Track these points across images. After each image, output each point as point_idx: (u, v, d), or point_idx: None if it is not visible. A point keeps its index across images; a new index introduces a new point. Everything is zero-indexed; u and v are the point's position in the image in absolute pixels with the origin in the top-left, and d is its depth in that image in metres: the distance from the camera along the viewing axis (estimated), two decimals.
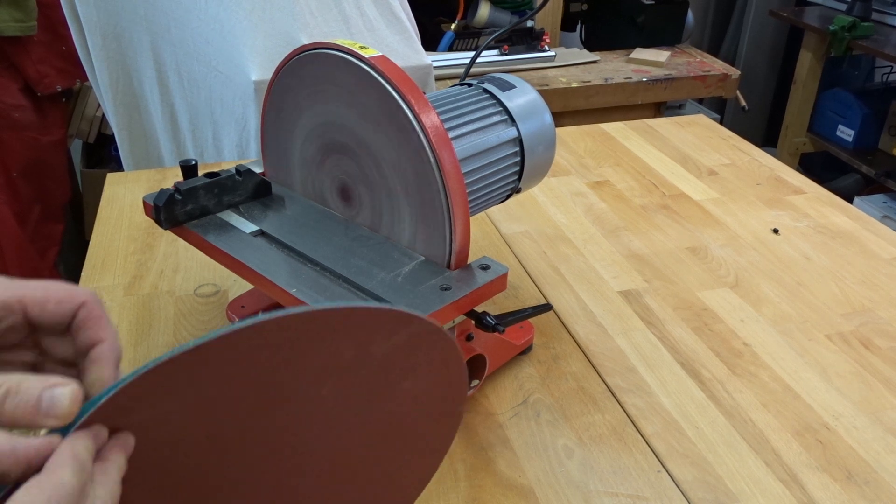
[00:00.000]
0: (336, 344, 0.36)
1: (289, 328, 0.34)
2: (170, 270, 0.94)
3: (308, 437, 0.37)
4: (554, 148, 0.84)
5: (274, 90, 0.76)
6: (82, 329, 0.37)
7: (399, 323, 0.38)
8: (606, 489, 0.65)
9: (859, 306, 0.90)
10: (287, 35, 1.22)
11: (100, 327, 0.37)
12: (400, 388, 0.39)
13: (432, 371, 0.40)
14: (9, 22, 1.73)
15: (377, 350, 0.37)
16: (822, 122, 2.95)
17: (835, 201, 1.15)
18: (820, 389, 0.77)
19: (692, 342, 0.83)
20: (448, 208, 0.65)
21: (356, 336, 0.36)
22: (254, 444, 0.36)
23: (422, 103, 0.64)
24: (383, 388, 0.39)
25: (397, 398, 0.40)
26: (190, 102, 1.34)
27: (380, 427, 0.40)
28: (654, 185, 1.19)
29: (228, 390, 0.34)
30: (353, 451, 0.40)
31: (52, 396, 0.32)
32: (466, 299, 0.64)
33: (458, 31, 2.17)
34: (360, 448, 0.40)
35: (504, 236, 1.04)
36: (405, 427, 0.41)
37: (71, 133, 2.19)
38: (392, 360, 0.38)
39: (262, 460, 0.37)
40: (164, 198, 0.72)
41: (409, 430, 0.42)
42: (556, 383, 0.77)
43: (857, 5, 2.71)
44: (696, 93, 2.18)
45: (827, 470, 0.67)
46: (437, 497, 0.64)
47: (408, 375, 0.40)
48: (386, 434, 0.40)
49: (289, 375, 0.35)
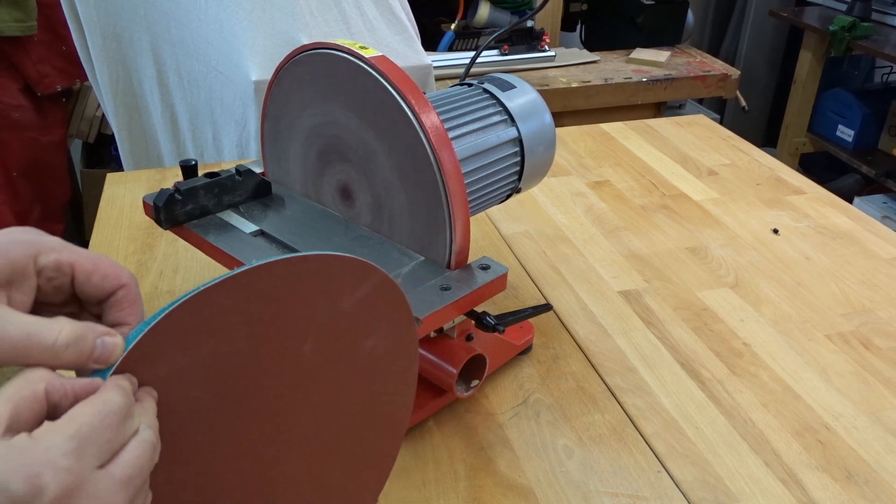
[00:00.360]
0: (312, 295, 0.38)
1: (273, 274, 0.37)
2: (170, 270, 0.94)
3: (294, 400, 0.39)
4: (554, 148, 0.84)
5: (274, 90, 0.76)
6: (115, 308, 0.40)
7: (363, 273, 0.41)
8: (606, 489, 0.65)
9: (859, 306, 0.90)
10: (287, 35, 1.22)
11: (130, 312, 0.40)
12: (364, 346, 0.41)
13: (391, 331, 0.43)
14: (9, 22, 1.73)
15: (345, 304, 0.40)
16: (822, 123, 2.95)
17: (835, 201, 1.15)
18: (820, 389, 0.77)
19: (692, 342, 0.83)
20: (448, 208, 0.65)
21: (328, 288, 0.39)
22: (250, 408, 0.38)
23: (422, 103, 0.64)
24: (351, 346, 0.41)
25: (362, 357, 0.41)
26: (190, 102, 1.34)
27: (348, 391, 0.41)
28: (654, 185, 1.19)
29: (229, 345, 0.37)
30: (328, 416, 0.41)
31: (103, 343, 0.36)
32: (466, 299, 0.64)
33: (458, 31, 2.17)
34: (333, 414, 0.41)
35: (504, 236, 1.04)
36: (370, 393, 0.43)
37: (71, 133, 2.19)
38: (358, 317, 0.41)
39: (256, 426, 0.39)
40: (164, 198, 0.72)
41: (372, 395, 0.43)
42: (556, 383, 0.77)
43: (857, 5, 2.71)
44: (696, 93, 2.18)
45: (827, 470, 0.67)
46: (437, 497, 0.64)
47: (371, 333, 0.42)
48: (353, 400, 0.42)
49: (277, 330, 0.38)
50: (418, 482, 0.65)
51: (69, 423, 0.34)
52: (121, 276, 0.40)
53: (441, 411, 0.72)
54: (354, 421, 0.42)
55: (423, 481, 0.66)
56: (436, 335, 0.70)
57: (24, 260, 0.38)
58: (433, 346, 0.69)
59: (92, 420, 0.34)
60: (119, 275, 0.40)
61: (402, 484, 0.65)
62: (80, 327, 0.36)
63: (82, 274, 0.39)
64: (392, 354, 0.43)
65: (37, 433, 0.33)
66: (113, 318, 0.40)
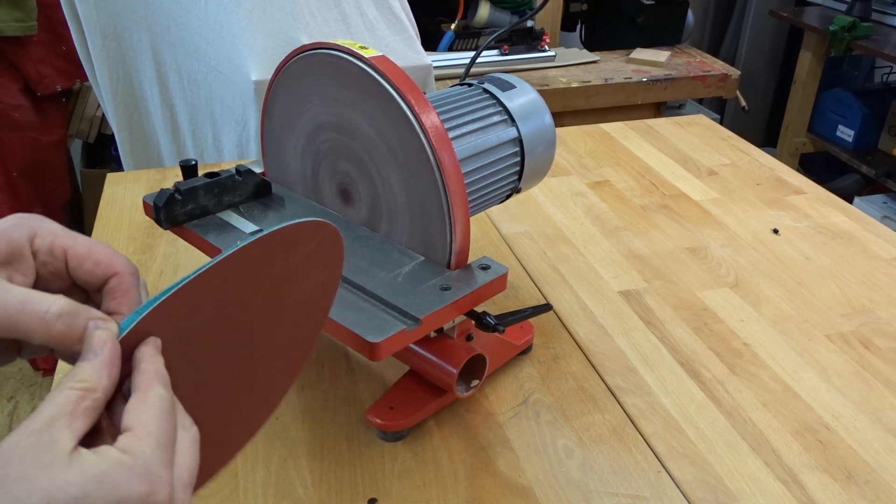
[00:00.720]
0: (271, 259, 0.41)
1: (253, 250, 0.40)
2: (170, 270, 0.94)
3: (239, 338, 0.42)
4: (554, 148, 0.84)
5: (274, 90, 0.76)
6: (108, 297, 0.40)
7: (315, 230, 0.44)
8: (606, 489, 0.65)
9: (859, 306, 0.90)
10: (287, 35, 1.22)
11: (122, 302, 0.39)
12: (299, 287, 0.45)
13: (324, 270, 0.46)
14: (9, 22, 1.73)
15: (295, 259, 0.43)
16: (822, 123, 2.95)
17: (835, 201, 1.15)
18: (820, 389, 0.77)
19: (692, 342, 0.83)
20: (448, 208, 0.65)
21: (284, 250, 0.42)
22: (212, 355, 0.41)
23: (422, 103, 0.64)
24: (290, 290, 0.44)
25: (296, 294, 0.45)
26: (190, 102, 1.34)
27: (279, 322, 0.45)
28: (654, 185, 1.19)
29: (202, 316, 0.39)
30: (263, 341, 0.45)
31: (96, 325, 0.36)
32: (466, 299, 0.64)
33: (458, 31, 2.17)
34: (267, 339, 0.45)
35: (504, 236, 1.04)
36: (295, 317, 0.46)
37: (71, 133, 2.19)
38: (301, 265, 0.43)
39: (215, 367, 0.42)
40: (164, 198, 0.72)
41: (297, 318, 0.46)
42: (556, 383, 0.77)
43: (857, 5, 2.71)
44: (696, 93, 2.18)
45: (827, 470, 0.67)
46: (437, 497, 0.64)
47: (308, 276, 0.45)
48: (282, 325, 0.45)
49: (238, 293, 0.41)
50: (418, 482, 0.65)
51: (147, 433, 0.34)
52: (114, 264, 0.40)
53: (441, 411, 0.72)
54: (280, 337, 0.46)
55: (423, 482, 0.66)
56: (436, 335, 0.70)
57: (21, 241, 0.38)
58: (433, 346, 0.69)
59: (158, 424, 0.35)
60: (112, 263, 0.40)
61: (402, 484, 0.65)
62: (73, 304, 0.36)
63: (74, 259, 0.39)
64: (319, 289, 0.47)
65: (127, 447, 0.33)
66: (107, 307, 0.40)
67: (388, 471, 0.67)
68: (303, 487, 0.65)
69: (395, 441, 0.69)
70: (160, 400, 0.35)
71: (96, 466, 0.32)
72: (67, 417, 0.33)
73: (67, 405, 0.33)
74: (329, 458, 0.68)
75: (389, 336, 0.58)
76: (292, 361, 0.48)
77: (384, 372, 0.78)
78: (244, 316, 0.42)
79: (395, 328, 0.59)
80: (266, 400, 0.48)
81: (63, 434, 0.32)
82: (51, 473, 0.31)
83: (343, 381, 0.77)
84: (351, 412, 0.73)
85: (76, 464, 0.32)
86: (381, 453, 0.68)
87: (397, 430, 0.69)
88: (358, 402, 0.74)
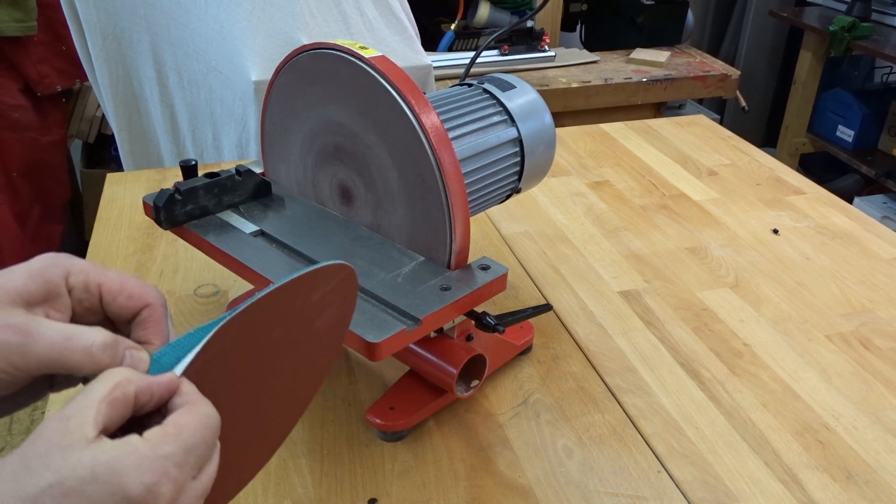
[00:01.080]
0: (292, 299, 0.43)
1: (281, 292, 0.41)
2: (170, 271, 0.94)
3: (257, 371, 0.44)
4: (554, 148, 0.84)
5: (274, 90, 0.76)
6: (139, 327, 0.42)
7: (336, 272, 0.45)
8: (606, 489, 0.65)
9: (859, 306, 0.90)
10: (287, 35, 1.22)
11: (153, 332, 0.42)
12: (314, 324, 0.46)
13: (338, 309, 0.47)
14: (9, 22, 1.73)
15: (314, 298, 0.44)
16: (821, 123, 2.95)
17: (835, 202, 1.15)
18: (820, 389, 0.77)
19: (692, 342, 0.83)
20: (448, 208, 0.65)
21: (306, 291, 0.43)
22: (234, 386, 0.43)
23: (422, 103, 0.64)
24: (306, 326, 0.46)
25: (311, 331, 0.46)
26: (190, 102, 1.34)
27: (293, 357, 0.46)
28: (654, 185, 1.19)
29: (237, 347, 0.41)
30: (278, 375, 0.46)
31: (131, 355, 0.38)
32: (466, 299, 0.64)
33: (458, 31, 2.17)
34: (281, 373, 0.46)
35: (504, 236, 1.04)
36: (308, 353, 0.48)
37: (71, 133, 2.19)
38: (318, 304, 0.45)
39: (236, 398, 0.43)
40: (164, 198, 0.72)
41: (309, 354, 0.48)
42: (556, 383, 0.77)
43: (857, 5, 2.71)
44: (696, 93, 2.18)
45: (827, 470, 0.67)
46: (437, 497, 0.64)
47: (323, 314, 0.46)
48: (296, 360, 0.47)
49: (261, 329, 0.42)
50: (418, 482, 0.65)
51: (179, 433, 0.35)
52: (146, 296, 0.42)
53: (441, 411, 0.72)
54: (295, 372, 0.47)
55: (423, 481, 0.66)
56: (436, 335, 0.70)
57: (58, 279, 0.40)
58: (433, 346, 0.69)
59: (195, 433, 0.36)
60: (144, 295, 0.42)
61: (402, 484, 0.65)
62: (113, 335, 0.38)
63: (109, 294, 0.41)
64: (335, 325, 0.48)
65: (151, 438, 0.34)
66: (137, 337, 0.41)
67: (388, 471, 0.67)
68: (303, 487, 0.65)
69: (395, 441, 0.69)
70: (207, 416, 0.37)
71: (111, 452, 0.33)
72: (96, 405, 0.34)
73: (99, 393, 0.35)
74: (329, 458, 0.68)
75: (389, 336, 0.58)
76: (305, 390, 0.50)
77: (384, 372, 0.78)
78: (263, 351, 0.43)
79: (395, 328, 0.59)
80: (280, 426, 0.49)
81: (87, 420, 0.34)
82: (66, 454, 0.33)
83: (343, 381, 0.77)
84: (351, 412, 0.73)
85: (93, 448, 0.33)
86: (381, 453, 0.68)
87: (397, 430, 0.69)
88: (358, 402, 0.74)
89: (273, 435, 0.49)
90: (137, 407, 0.36)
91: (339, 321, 0.49)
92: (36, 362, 0.37)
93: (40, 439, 0.33)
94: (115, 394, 0.35)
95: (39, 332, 0.37)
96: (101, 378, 0.36)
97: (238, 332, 0.40)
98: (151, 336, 0.41)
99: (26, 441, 0.34)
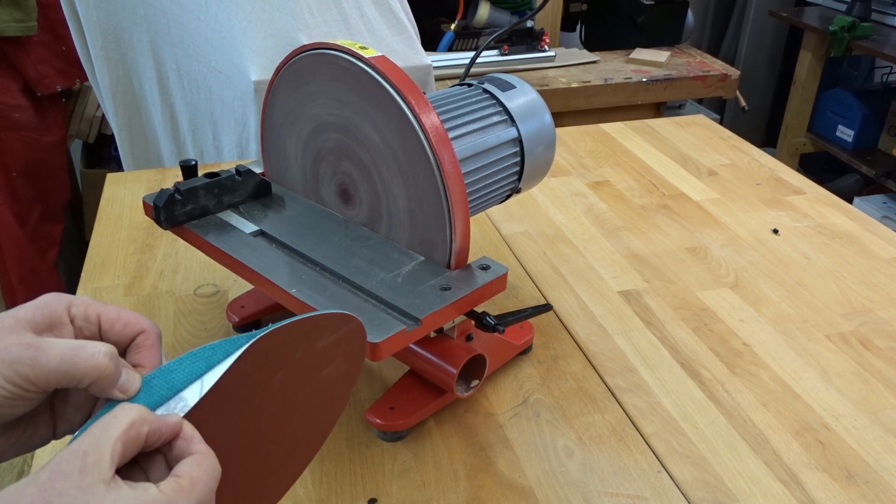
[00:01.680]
0: (296, 343, 0.44)
1: (281, 335, 0.42)
2: (170, 271, 0.94)
3: (259, 416, 0.45)
4: (554, 148, 0.84)
5: (274, 90, 0.76)
6: (134, 352, 0.44)
7: (343, 322, 0.46)
8: (606, 489, 0.65)
9: (859, 306, 0.90)
10: (287, 35, 1.22)
11: (146, 355, 0.44)
12: (321, 374, 0.47)
13: (346, 361, 0.48)
14: (9, 22, 1.73)
15: (320, 346, 0.45)
16: (821, 123, 2.95)
17: (835, 202, 1.15)
18: (820, 389, 0.77)
19: (692, 342, 0.83)
20: (448, 208, 0.65)
21: (310, 335, 0.44)
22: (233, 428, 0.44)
23: (422, 103, 0.64)
24: (311, 375, 0.46)
25: (317, 381, 0.47)
26: (190, 102, 1.34)
27: (299, 405, 0.47)
28: (654, 185, 1.19)
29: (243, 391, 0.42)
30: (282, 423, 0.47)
31: (126, 373, 0.41)
32: (466, 299, 0.64)
33: (458, 31, 2.17)
34: (286, 421, 0.47)
35: (504, 236, 1.04)
36: (314, 403, 0.48)
37: (71, 133, 2.19)
38: (324, 353, 0.46)
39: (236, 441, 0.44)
40: (164, 198, 0.72)
41: (315, 404, 0.49)
42: (556, 383, 0.77)
43: (857, 5, 2.71)
44: (696, 93, 2.18)
45: (827, 470, 0.67)
46: (437, 497, 0.64)
47: (330, 364, 0.47)
48: (301, 408, 0.47)
49: (262, 369, 0.43)
50: (418, 482, 0.65)
51: (193, 487, 0.37)
52: (141, 324, 0.44)
53: (441, 411, 0.72)
54: (300, 420, 0.48)
55: (423, 481, 0.66)
56: (436, 335, 0.70)
57: (61, 310, 0.43)
58: (433, 346, 0.69)
59: (205, 487, 0.38)
60: (139, 322, 0.44)
61: (402, 484, 0.65)
62: (115, 349, 0.41)
63: (107, 322, 0.43)
64: (341, 378, 0.49)
65: (167, 491, 0.36)
66: (131, 360, 0.43)
67: (388, 471, 0.67)
68: (303, 487, 0.65)
69: (395, 441, 0.69)
70: (213, 468, 0.39)
71: (130, 499, 0.35)
72: (112, 443, 0.36)
73: (114, 431, 0.36)
74: (329, 458, 0.68)
75: (389, 336, 0.58)
76: (312, 438, 0.50)
77: (384, 372, 0.78)
78: (266, 395, 0.44)
79: (395, 328, 0.59)
80: (285, 471, 0.49)
81: (104, 458, 0.35)
82: (87, 496, 0.34)
83: None
84: (351, 412, 0.73)
85: (113, 492, 0.35)
86: (381, 453, 0.68)
87: (397, 430, 0.69)
88: (358, 402, 0.74)
89: (278, 480, 0.49)
90: (145, 446, 0.38)
91: (347, 374, 0.49)
92: (46, 374, 0.38)
93: (57, 475, 0.34)
94: (130, 433, 0.37)
95: (50, 345, 0.39)
96: (117, 413, 0.37)
97: (239, 372, 0.41)
98: (144, 359, 0.43)
99: (41, 473, 0.35)
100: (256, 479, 0.47)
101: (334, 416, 0.51)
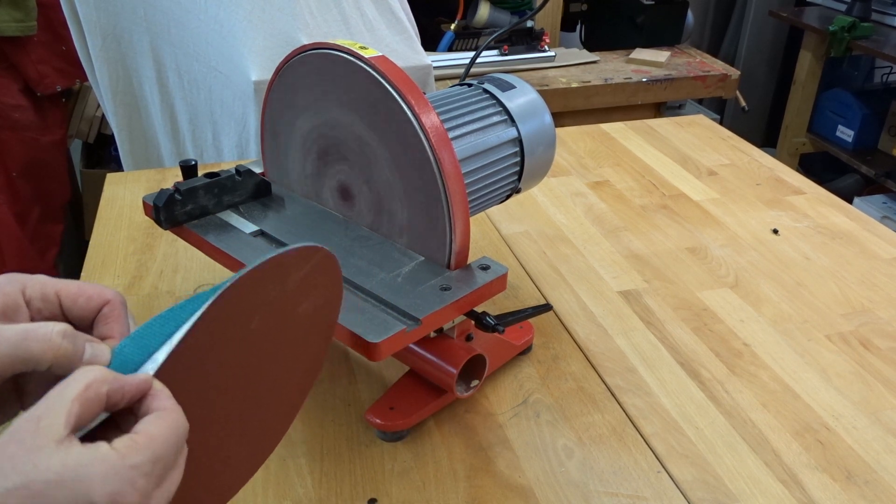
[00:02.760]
0: (266, 286, 0.43)
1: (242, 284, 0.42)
2: (170, 270, 0.94)
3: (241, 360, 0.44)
4: (554, 148, 0.84)
5: (273, 90, 0.76)
6: (100, 323, 0.42)
7: (309, 255, 0.45)
8: (606, 489, 0.65)
9: (859, 306, 0.90)
10: (287, 35, 1.22)
11: (113, 326, 0.42)
12: (297, 311, 0.46)
13: (323, 292, 0.48)
14: (9, 22, 1.73)
15: (291, 284, 0.45)
16: (821, 123, 2.95)
17: (835, 202, 1.15)
18: (820, 389, 0.77)
19: (692, 342, 0.83)
20: (448, 208, 0.65)
21: (279, 276, 0.44)
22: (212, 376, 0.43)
23: (422, 103, 0.64)
24: (289, 313, 0.46)
25: (295, 318, 0.46)
26: (190, 102, 1.34)
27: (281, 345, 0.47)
28: (654, 185, 1.19)
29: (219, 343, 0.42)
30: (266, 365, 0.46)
31: (92, 347, 0.39)
32: (466, 299, 0.64)
33: (457, 31, 2.17)
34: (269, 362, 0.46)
35: (504, 236, 1.04)
36: (297, 340, 0.48)
37: (71, 133, 2.19)
38: (298, 289, 0.45)
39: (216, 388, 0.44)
40: (164, 198, 0.72)
41: (298, 341, 0.48)
42: (556, 383, 0.77)
43: (857, 5, 2.71)
44: (696, 93, 2.18)
45: (827, 470, 0.67)
46: (437, 497, 0.64)
47: (305, 299, 0.46)
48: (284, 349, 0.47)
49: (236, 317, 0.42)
50: (418, 482, 0.65)
51: (150, 443, 0.36)
52: (104, 294, 0.43)
53: (441, 411, 0.72)
54: (285, 363, 0.47)
55: (422, 481, 0.66)
56: (436, 335, 0.70)
57: (15, 293, 0.41)
58: (433, 346, 0.69)
59: (165, 443, 0.36)
60: (102, 293, 0.43)
61: (402, 484, 0.65)
62: (71, 327, 0.39)
63: (68, 298, 0.42)
64: (320, 309, 0.48)
65: (120, 448, 0.35)
66: (99, 333, 0.42)
67: (388, 471, 0.67)
68: (303, 487, 0.65)
69: (395, 441, 0.69)
70: (176, 423, 0.37)
71: (80, 457, 0.34)
72: (68, 404, 0.35)
73: (70, 393, 0.35)
74: (329, 458, 0.68)
75: (389, 336, 0.58)
76: (301, 379, 0.49)
77: (384, 372, 0.78)
78: (244, 343, 0.43)
79: (395, 328, 0.59)
80: (278, 418, 0.49)
81: (58, 420, 0.34)
82: (35, 457, 0.33)
83: (343, 382, 0.77)
84: (351, 412, 0.73)
85: (62, 451, 0.34)
86: (381, 453, 0.68)
87: (397, 430, 0.69)
88: (358, 402, 0.74)
89: (271, 428, 0.49)
90: (109, 406, 0.37)
91: (327, 304, 0.48)
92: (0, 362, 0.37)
93: (11, 440, 0.34)
94: (87, 393, 0.36)
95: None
96: (75, 376, 0.36)
97: (210, 326, 0.40)
98: (112, 330, 0.42)
99: None
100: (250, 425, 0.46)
101: (324, 345, 0.50)
